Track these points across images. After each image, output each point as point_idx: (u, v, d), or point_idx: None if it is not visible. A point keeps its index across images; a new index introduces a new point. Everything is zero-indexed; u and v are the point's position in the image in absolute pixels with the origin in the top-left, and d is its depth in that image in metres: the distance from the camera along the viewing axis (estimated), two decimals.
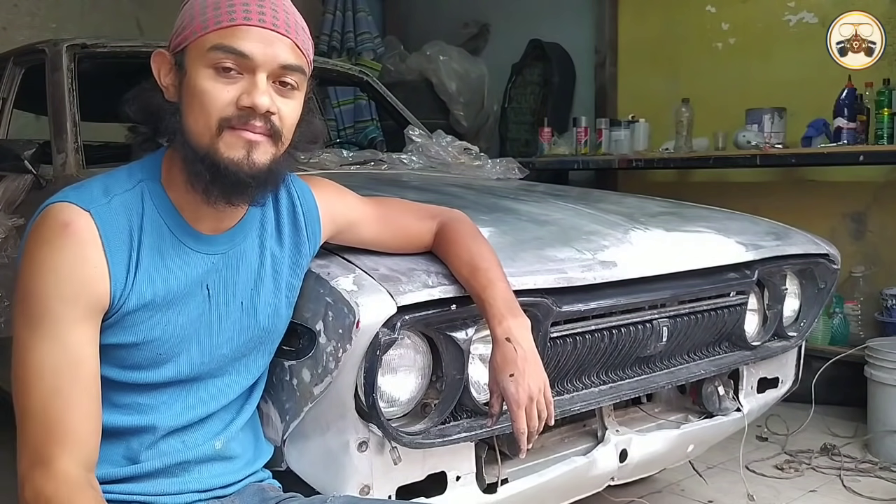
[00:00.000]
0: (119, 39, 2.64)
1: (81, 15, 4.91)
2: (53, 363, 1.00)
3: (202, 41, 1.05)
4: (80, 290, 1.02)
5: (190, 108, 1.06)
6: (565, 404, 1.60)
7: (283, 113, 1.08)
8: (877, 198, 3.40)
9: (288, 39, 1.06)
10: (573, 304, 1.53)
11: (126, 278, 1.06)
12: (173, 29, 1.10)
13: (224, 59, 1.03)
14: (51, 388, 0.99)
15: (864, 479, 2.56)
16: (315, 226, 1.28)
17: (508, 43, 4.93)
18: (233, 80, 1.04)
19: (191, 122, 1.05)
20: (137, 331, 1.08)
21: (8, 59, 2.74)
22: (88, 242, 1.03)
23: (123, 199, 1.08)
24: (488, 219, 1.76)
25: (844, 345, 3.18)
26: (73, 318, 1.01)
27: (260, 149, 1.06)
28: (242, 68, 1.04)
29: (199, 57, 1.05)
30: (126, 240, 1.07)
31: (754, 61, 3.79)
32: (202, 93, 1.04)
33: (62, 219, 1.03)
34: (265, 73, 1.05)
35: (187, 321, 1.13)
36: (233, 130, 1.04)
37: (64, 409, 0.99)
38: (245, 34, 1.04)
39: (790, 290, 2.03)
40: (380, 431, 1.33)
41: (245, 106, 1.03)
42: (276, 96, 1.06)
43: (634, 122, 4.00)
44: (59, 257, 1.01)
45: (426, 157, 2.57)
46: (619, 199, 2.25)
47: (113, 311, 1.06)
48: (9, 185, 2.26)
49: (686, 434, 1.93)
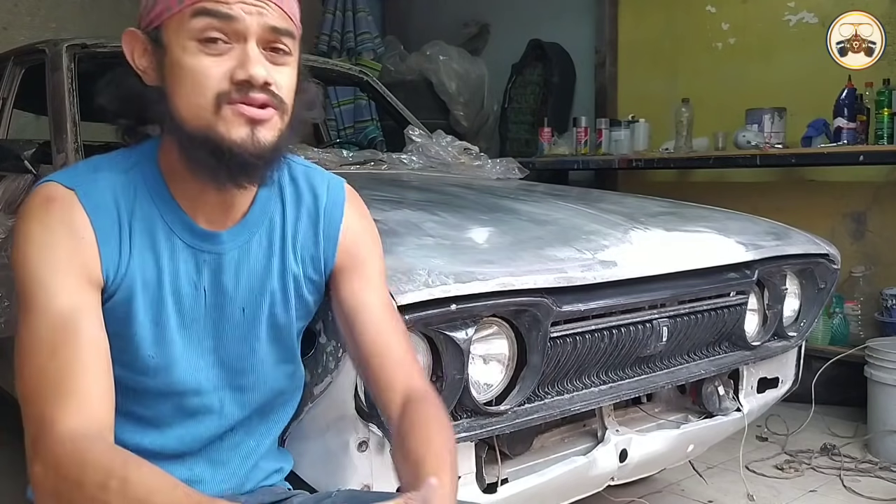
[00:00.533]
0: (119, 39, 2.64)
1: (81, 15, 4.91)
2: (49, 332, 0.92)
3: (180, 15, 0.95)
4: (69, 260, 0.95)
5: (178, 90, 0.96)
6: (565, 404, 1.60)
7: (281, 81, 0.98)
8: (877, 198, 3.40)
9: (272, 3, 0.97)
10: (573, 304, 1.53)
11: (119, 259, 0.99)
12: (140, 5, 1.01)
13: (209, 28, 0.93)
14: (47, 352, 0.91)
15: (864, 479, 2.55)
16: (331, 245, 1.14)
17: (508, 43, 4.93)
18: (221, 52, 0.95)
19: (182, 106, 0.96)
20: (128, 322, 1.01)
21: (8, 59, 2.74)
22: (75, 215, 0.97)
23: (112, 179, 1.01)
24: (488, 219, 1.76)
25: (844, 345, 3.18)
26: (66, 286, 0.94)
27: (266, 126, 0.97)
28: (230, 36, 0.94)
29: (179, 30, 0.95)
30: (115, 220, 0.99)
31: (754, 61, 3.79)
32: (191, 70, 0.94)
33: (46, 194, 0.98)
34: (255, 39, 0.95)
35: (179, 321, 1.04)
36: (232, 106, 0.94)
37: (64, 368, 0.90)
38: (227, 1, 0.94)
39: (790, 290, 2.03)
40: (380, 431, 1.33)
41: (241, 80, 0.94)
42: (268, 65, 0.97)
43: (634, 122, 4.00)
44: (46, 230, 0.96)
45: (426, 157, 2.58)
46: (619, 199, 2.25)
47: (107, 292, 0.99)
48: (9, 185, 2.26)
49: (686, 434, 1.93)
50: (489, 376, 1.51)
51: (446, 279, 1.34)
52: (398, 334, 1.12)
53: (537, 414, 1.55)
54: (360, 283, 1.13)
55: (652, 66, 4.25)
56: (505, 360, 1.51)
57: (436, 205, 1.81)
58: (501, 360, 1.51)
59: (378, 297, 1.13)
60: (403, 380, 1.07)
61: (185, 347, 1.05)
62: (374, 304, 1.12)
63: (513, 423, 1.49)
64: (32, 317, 0.93)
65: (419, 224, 1.59)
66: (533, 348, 1.49)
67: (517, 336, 1.50)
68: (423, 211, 1.71)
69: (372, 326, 1.10)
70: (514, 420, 1.50)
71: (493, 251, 1.54)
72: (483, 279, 1.38)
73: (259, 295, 1.09)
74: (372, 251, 1.16)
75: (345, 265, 1.13)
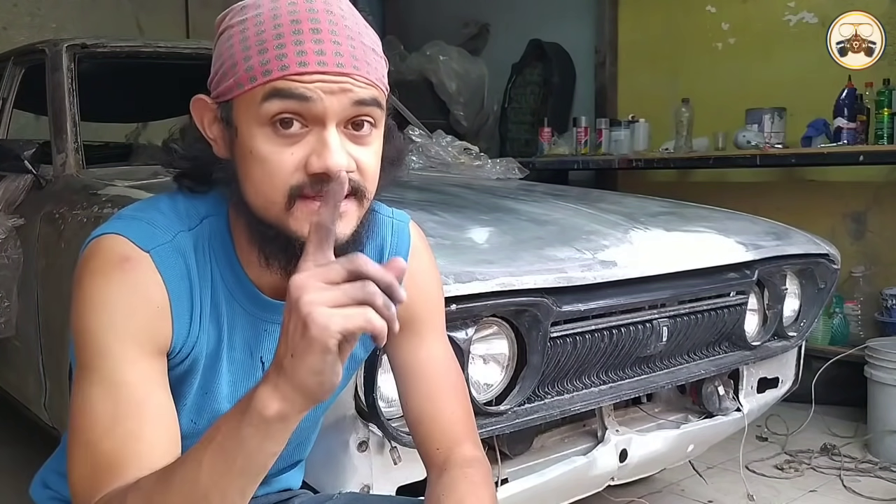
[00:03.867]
0: (119, 39, 2.64)
1: (81, 15, 4.91)
2: (110, 405, 0.83)
3: (251, 95, 0.83)
4: (140, 330, 0.86)
5: (248, 176, 0.85)
6: (565, 404, 1.60)
7: (364, 164, 0.85)
8: (877, 198, 3.40)
9: (359, 76, 0.83)
10: (573, 304, 1.53)
11: (189, 330, 0.90)
12: (211, 70, 0.88)
13: (283, 112, 0.81)
14: (104, 428, 0.82)
15: (864, 479, 2.55)
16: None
17: (508, 43, 4.93)
18: (296, 138, 0.82)
19: (251, 193, 0.85)
20: (179, 389, 0.92)
21: (8, 59, 2.75)
22: (151, 283, 0.87)
23: (184, 240, 0.90)
24: (488, 219, 1.76)
25: (844, 345, 3.17)
26: (132, 357, 0.85)
27: (342, 220, 0.83)
28: (307, 118, 0.82)
29: (249, 112, 0.83)
30: (187, 288, 0.90)
31: (754, 61, 3.79)
32: (262, 159, 0.83)
33: (120, 253, 0.86)
34: (335, 122, 0.82)
35: (231, 392, 0.96)
36: (305, 201, 0.82)
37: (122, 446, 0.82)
38: (304, 81, 0.81)
39: (790, 290, 2.03)
40: (380, 431, 1.33)
41: (316, 172, 0.81)
42: (351, 146, 0.84)
43: (634, 122, 4.00)
44: (117, 293, 0.85)
45: (426, 157, 2.58)
46: (619, 199, 2.25)
47: (170, 362, 0.90)
48: (9, 185, 2.26)
49: (686, 434, 1.93)
50: (489, 376, 1.51)
51: (446, 279, 1.34)
52: (450, 397, 1.05)
53: (537, 414, 1.55)
54: (417, 341, 1.05)
55: (652, 66, 4.25)
56: (505, 360, 1.51)
57: (436, 205, 1.81)
58: (501, 360, 1.51)
59: (435, 352, 1.06)
60: (449, 446, 1.02)
61: None
62: (429, 362, 1.05)
63: (513, 423, 1.50)
64: (92, 386, 0.84)
65: (419, 224, 1.58)
66: (533, 348, 1.49)
67: (517, 336, 1.50)
68: (423, 211, 1.71)
69: (423, 389, 1.04)
70: (514, 420, 1.50)
71: (493, 251, 1.54)
72: (483, 279, 1.38)
73: None
74: (433, 305, 1.08)
75: (403, 322, 1.02)
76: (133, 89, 3.02)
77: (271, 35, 0.82)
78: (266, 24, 0.82)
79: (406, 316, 1.02)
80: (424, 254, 1.08)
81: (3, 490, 2.32)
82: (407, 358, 1.05)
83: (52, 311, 1.97)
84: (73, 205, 1.96)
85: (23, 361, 2.19)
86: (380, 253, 1.03)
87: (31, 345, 2.09)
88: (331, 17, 0.83)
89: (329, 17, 0.83)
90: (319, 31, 0.81)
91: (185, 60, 2.64)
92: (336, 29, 0.83)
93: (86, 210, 1.88)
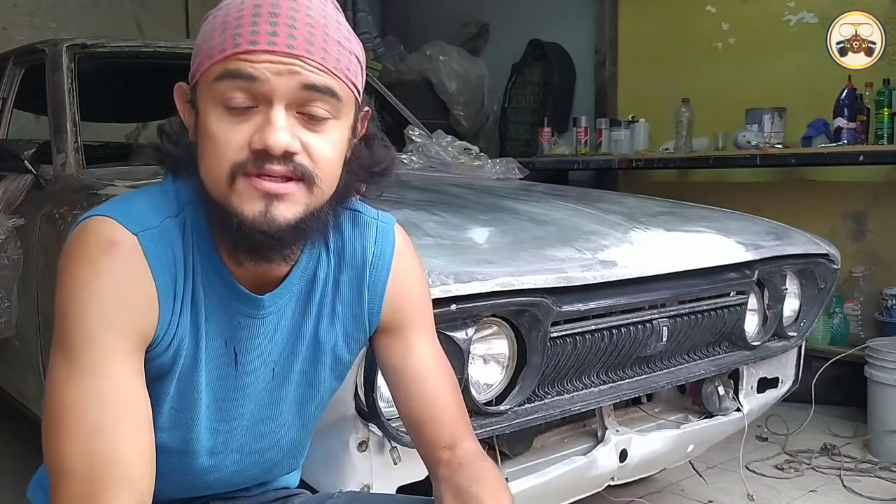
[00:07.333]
0: (119, 39, 2.65)
1: (81, 15, 4.91)
2: (98, 399, 0.83)
3: (208, 73, 0.85)
4: (129, 319, 0.86)
5: (203, 156, 0.87)
6: (565, 404, 1.60)
7: (315, 150, 0.85)
8: (877, 198, 3.40)
9: (311, 60, 0.84)
10: (573, 304, 1.53)
11: (171, 319, 0.90)
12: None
13: (233, 90, 0.84)
14: (94, 426, 0.82)
15: (864, 479, 2.55)
16: (377, 303, 1.03)
17: (508, 43, 4.93)
18: (245, 117, 0.84)
19: (203, 171, 0.87)
20: (160, 378, 0.93)
21: (8, 59, 2.74)
22: (139, 269, 0.87)
23: (169, 226, 0.91)
24: (488, 219, 1.76)
25: (844, 345, 3.17)
26: (119, 347, 0.85)
27: (285, 201, 0.85)
28: (258, 99, 0.84)
29: (206, 91, 0.86)
30: (172, 276, 0.90)
31: (754, 61, 3.79)
32: (212, 137, 0.85)
33: (108, 236, 0.86)
34: (283, 103, 0.84)
35: (209, 382, 0.97)
36: (247, 178, 0.84)
37: (112, 448, 0.82)
38: (252, 60, 0.83)
39: (790, 290, 2.03)
40: (380, 431, 1.33)
41: (257, 149, 0.83)
42: (302, 130, 0.85)
43: (634, 122, 4.00)
44: (106, 279, 0.85)
45: (426, 157, 2.58)
46: (619, 199, 2.25)
47: (151, 350, 0.90)
48: (9, 185, 2.26)
49: (686, 434, 1.93)
50: (489, 376, 1.51)
51: (446, 279, 1.34)
52: (447, 396, 1.06)
53: (537, 414, 1.55)
54: (407, 343, 1.05)
55: (652, 66, 4.25)
56: (505, 360, 1.51)
57: (436, 205, 1.81)
58: (501, 360, 1.51)
59: (425, 353, 1.06)
60: (454, 443, 1.03)
61: (209, 407, 0.98)
62: (420, 363, 1.05)
63: (513, 423, 1.50)
64: (77, 376, 0.84)
65: (419, 224, 1.59)
66: (533, 348, 1.49)
67: (517, 336, 1.50)
68: (423, 211, 1.71)
69: (419, 390, 1.04)
70: (514, 420, 1.50)
71: (493, 251, 1.54)
72: (483, 279, 1.38)
73: (290, 355, 1.01)
74: (419, 307, 1.08)
75: (390, 325, 1.05)
76: (133, 89, 3.01)
77: (234, 17, 0.85)
78: (233, 10, 0.86)
79: (397, 317, 1.04)
80: (409, 256, 1.07)
81: (3, 490, 2.32)
82: (397, 361, 1.06)
83: (51, 312, 1.96)
84: (73, 205, 1.96)
85: (23, 361, 2.19)
86: (363, 254, 1.02)
87: (31, 345, 2.09)
88: (293, 5, 0.85)
89: (292, 4, 0.85)
90: (277, 15, 0.84)
91: (185, 60, 2.61)
92: (296, 15, 0.85)
93: (86, 210, 1.88)
